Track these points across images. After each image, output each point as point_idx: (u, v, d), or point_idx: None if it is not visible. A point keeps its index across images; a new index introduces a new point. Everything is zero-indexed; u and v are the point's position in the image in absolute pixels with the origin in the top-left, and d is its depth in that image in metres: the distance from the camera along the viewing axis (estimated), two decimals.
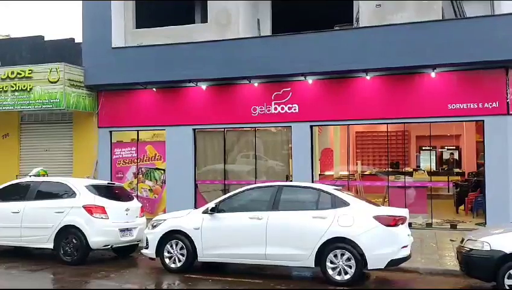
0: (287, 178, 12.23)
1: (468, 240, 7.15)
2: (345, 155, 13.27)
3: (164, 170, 13.09)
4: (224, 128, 12.76)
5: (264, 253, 7.57)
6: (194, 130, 12.83)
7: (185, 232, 7.98)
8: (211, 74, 12.09)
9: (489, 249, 6.68)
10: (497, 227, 7.86)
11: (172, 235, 8.08)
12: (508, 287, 6.50)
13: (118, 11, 13.61)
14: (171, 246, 8.06)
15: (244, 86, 12.33)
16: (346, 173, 13.33)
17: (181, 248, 8.00)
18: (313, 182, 11.55)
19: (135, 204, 9.75)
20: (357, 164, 16.05)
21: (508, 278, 6.51)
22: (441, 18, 11.60)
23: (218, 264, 8.32)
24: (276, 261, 7.65)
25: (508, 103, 10.55)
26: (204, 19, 13.57)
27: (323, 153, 15.36)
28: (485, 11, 12.92)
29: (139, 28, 13.80)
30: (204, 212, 8.07)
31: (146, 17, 13.89)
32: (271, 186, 8.28)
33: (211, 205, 8.11)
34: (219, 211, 7.97)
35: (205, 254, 7.91)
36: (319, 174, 13.72)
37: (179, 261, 8.00)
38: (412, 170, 15.55)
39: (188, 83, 12.56)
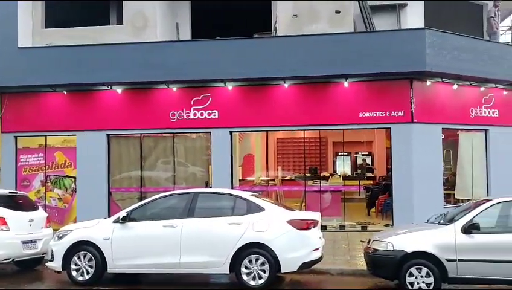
0: (207, 184, 12.13)
1: (374, 240, 7.52)
2: (266, 161, 13.43)
3: (75, 177, 12.42)
4: (140, 133, 12.37)
5: (178, 262, 7.41)
6: (108, 135, 12.31)
7: (94, 243, 7.62)
8: (126, 78, 11.67)
9: (392, 249, 7.06)
10: (401, 228, 8.34)
11: (80, 246, 7.67)
12: (409, 285, 6.91)
13: (26, 9, 12.79)
14: (79, 258, 7.65)
15: (162, 91, 12.06)
16: (267, 178, 13.50)
17: (89, 260, 7.62)
18: (232, 188, 11.56)
19: (40, 214, 9.13)
20: (277, 170, 16.35)
21: (409, 276, 6.92)
22: (352, 30, 12.21)
23: (135, 275, 8.00)
24: (191, 269, 7.53)
25: (412, 112, 11.28)
26: (119, 21, 13.13)
27: (245, 159, 15.48)
28: (392, 25, 13.85)
29: (49, 27, 13.03)
30: (115, 221, 7.76)
31: (57, 16, 13.16)
32: (186, 193, 8.14)
33: (122, 213, 7.82)
34: (131, 220, 7.70)
35: (116, 265, 7.58)
36: (240, 180, 13.79)
37: (87, 273, 7.61)
38: (328, 175, 16.12)
39: (102, 86, 12.04)
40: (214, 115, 11.88)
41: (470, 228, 6.85)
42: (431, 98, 11.62)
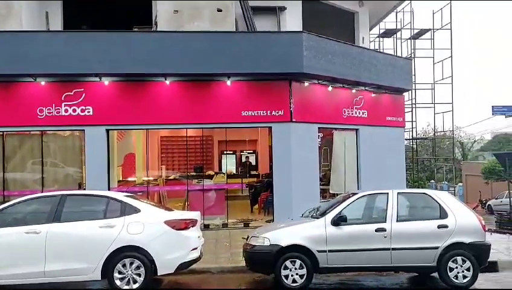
0: (80, 186, 11.30)
1: (252, 237, 7.64)
2: (149, 160, 12.95)
3: None
4: (3, 131, 11.10)
5: (42, 271, 6.78)
6: None
7: None
8: None
9: (268, 244, 7.24)
10: (280, 223, 8.60)
11: None
12: (284, 278, 7.13)
13: None
14: None
15: (29, 85, 10.94)
16: (150, 178, 13.04)
17: None
18: (109, 189, 10.93)
19: None
20: (161, 169, 15.91)
21: (284, 269, 7.15)
22: (234, 30, 12.31)
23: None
24: (58, 278, 6.89)
25: (291, 111, 11.71)
26: None
27: (126, 159, 14.76)
28: (272, 27, 14.28)
29: None
30: None
31: None
32: (52, 195, 7.48)
33: None
34: None
35: None
36: (120, 181, 13.12)
37: None
38: (213, 173, 16.11)
39: None
40: (88, 112, 11.10)
41: (339, 220, 7.29)
42: (308, 99, 12.18)
